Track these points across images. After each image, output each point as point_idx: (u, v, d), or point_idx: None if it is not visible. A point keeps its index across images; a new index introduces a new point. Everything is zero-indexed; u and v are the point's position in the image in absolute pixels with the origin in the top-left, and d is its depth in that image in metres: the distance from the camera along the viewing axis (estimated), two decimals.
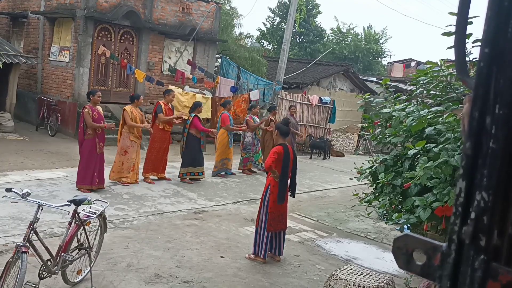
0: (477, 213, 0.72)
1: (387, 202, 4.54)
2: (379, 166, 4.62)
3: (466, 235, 0.73)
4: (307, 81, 19.55)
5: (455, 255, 0.74)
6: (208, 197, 8.56)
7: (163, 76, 15.46)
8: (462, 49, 0.84)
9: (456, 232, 0.74)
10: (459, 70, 0.84)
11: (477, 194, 0.73)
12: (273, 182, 5.62)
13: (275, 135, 5.86)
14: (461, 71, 0.84)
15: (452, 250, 0.75)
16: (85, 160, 7.82)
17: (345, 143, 20.42)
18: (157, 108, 8.97)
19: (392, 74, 34.82)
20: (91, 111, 7.84)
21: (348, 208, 8.89)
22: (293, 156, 5.78)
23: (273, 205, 5.61)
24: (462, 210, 0.74)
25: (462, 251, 0.74)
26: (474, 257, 0.72)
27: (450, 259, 0.75)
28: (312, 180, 11.68)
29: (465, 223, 0.73)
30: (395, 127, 4.35)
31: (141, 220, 6.73)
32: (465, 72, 0.84)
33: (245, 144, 11.12)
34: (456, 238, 0.74)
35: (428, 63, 4.59)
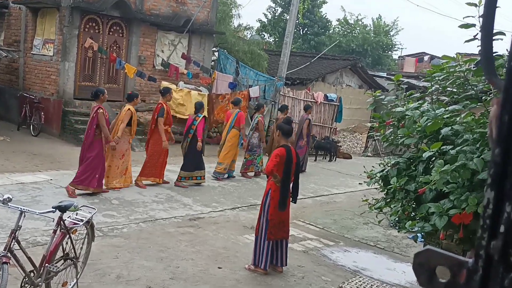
0: (507, 226, 0.71)
1: (399, 208, 4.53)
2: (391, 170, 4.62)
3: (495, 250, 0.72)
4: (312, 77, 19.56)
5: (482, 272, 0.73)
6: (205, 202, 8.55)
7: (155, 71, 15.46)
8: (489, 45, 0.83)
9: (483, 247, 0.73)
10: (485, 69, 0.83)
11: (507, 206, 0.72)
12: (274, 186, 5.61)
13: (277, 136, 5.84)
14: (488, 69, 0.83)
15: (479, 266, 0.74)
16: (95, 161, 7.90)
17: (353, 144, 20.43)
18: (159, 111, 8.96)
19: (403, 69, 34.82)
20: (105, 112, 7.93)
21: (356, 214, 8.88)
22: (296, 158, 5.77)
23: (273, 212, 5.60)
24: (490, 222, 0.73)
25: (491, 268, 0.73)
26: (504, 274, 0.71)
27: (477, 276, 0.74)
28: (317, 184, 11.67)
29: (494, 237, 0.72)
30: (408, 127, 4.35)
31: (132, 228, 6.72)
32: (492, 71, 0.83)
33: (251, 145, 11.16)
34: (484, 254, 0.73)
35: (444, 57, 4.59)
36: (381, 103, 5.15)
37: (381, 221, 5.82)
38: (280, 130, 5.79)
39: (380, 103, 5.19)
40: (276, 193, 5.58)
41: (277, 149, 5.64)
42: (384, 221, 7.69)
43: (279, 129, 5.82)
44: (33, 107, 13.70)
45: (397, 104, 5.00)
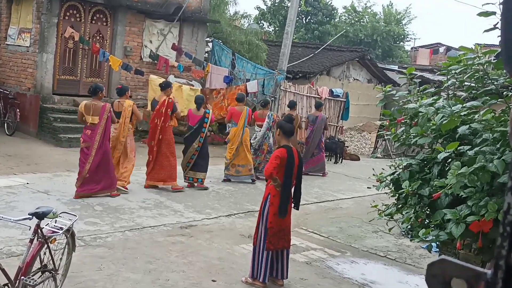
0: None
1: (412, 215, 4.53)
2: (403, 173, 4.62)
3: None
4: (315, 70, 19.58)
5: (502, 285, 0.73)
6: (197, 208, 8.55)
7: (142, 63, 15.46)
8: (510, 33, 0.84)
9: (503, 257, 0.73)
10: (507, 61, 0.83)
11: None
12: (274, 191, 5.61)
13: (277, 135, 5.83)
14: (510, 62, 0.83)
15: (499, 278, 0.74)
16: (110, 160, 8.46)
17: (361, 144, 20.45)
18: (173, 107, 9.33)
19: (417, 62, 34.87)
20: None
21: (364, 222, 8.88)
22: (298, 160, 5.77)
23: (273, 219, 5.60)
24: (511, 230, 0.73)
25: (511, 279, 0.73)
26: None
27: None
28: (321, 189, 11.68)
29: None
30: (422, 125, 4.35)
31: (117, 237, 6.71)
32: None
33: (269, 146, 11.38)
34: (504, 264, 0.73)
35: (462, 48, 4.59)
36: (392, 99, 5.16)
37: (392, 229, 5.82)
38: (281, 129, 5.76)
39: (391, 99, 5.19)
40: (276, 198, 5.58)
41: (277, 150, 5.64)
42: (395, 229, 7.70)
43: (279, 127, 5.80)
44: (8, 103, 13.68)
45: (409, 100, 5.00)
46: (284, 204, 5.57)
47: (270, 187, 5.66)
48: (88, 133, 8.28)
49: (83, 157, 8.29)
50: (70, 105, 13.88)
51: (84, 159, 8.27)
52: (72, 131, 12.97)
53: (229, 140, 10.91)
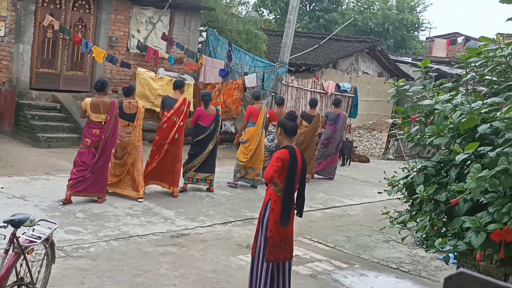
0: None
1: (427, 223, 4.54)
2: (417, 176, 4.62)
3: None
4: (321, 62, 19.59)
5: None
6: (190, 215, 8.55)
7: (129, 55, 15.46)
8: None
9: None
10: None
11: None
12: (275, 196, 5.61)
13: (278, 135, 5.82)
14: None
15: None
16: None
17: (371, 145, 20.46)
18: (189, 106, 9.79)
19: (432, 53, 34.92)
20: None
21: (375, 230, 8.88)
22: (302, 162, 5.76)
23: (274, 227, 5.60)
24: None
25: None
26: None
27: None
28: (327, 194, 11.69)
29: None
30: (438, 124, 4.36)
31: (101, 247, 6.71)
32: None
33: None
34: None
35: (482, 39, 4.60)
36: (405, 94, 5.16)
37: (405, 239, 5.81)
38: (283, 128, 5.75)
39: (404, 95, 5.19)
40: (277, 204, 5.57)
41: (279, 151, 5.63)
42: (409, 239, 7.70)
43: (281, 126, 5.78)
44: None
45: (424, 95, 5.01)
46: (286, 211, 5.57)
47: (270, 192, 5.66)
48: (96, 132, 8.36)
49: (87, 158, 8.33)
50: (50, 101, 13.88)
51: (88, 160, 8.33)
52: (52, 130, 12.97)
53: (245, 141, 10.98)
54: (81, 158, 8.36)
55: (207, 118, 9.99)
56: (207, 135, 9.97)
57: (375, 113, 22.48)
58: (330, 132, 13.39)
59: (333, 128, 13.35)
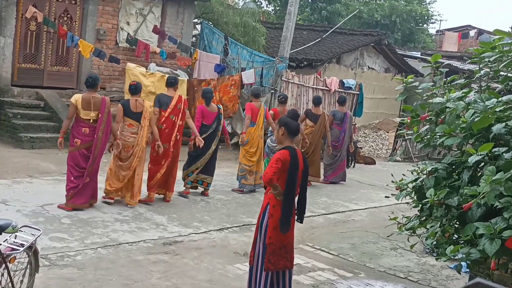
0: None
1: (438, 229, 4.54)
2: (427, 179, 4.63)
3: None
4: (323, 57, 19.60)
5: None
6: (183, 221, 8.54)
7: (118, 49, 15.44)
8: None
9: None
10: None
11: None
12: (274, 200, 5.61)
13: (280, 135, 5.81)
14: None
15: None
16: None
17: (377, 145, 20.49)
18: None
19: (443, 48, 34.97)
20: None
21: (381, 237, 8.88)
22: (303, 164, 5.76)
23: (273, 234, 5.60)
24: None
25: None
26: None
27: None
28: (330, 198, 11.69)
29: None
30: (449, 123, 4.36)
31: (88, 255, 6.70)
32: None
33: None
34: None
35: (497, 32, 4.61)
36: (414, 91, 5.16)
37: (414, 246, 5.82)
38: (286, 127, 5.74)
39: (412, 92, 5.20)
40: (277, 209, 5.57)
41: (279, 152, 5.62)
42: (418, 246, 7.70)
43: (284, 125, 5.76)
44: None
45: (435, 93, 5.02)
46: (286, 216, 5.57)
47: (269, 196, 5.66)
48: (86, 131, 8.31)
49: (81, 161, 8.30)
50: (33, 98, 13.86)
51: (82, 163, 8.29)
52: (35, 129, 12.95)
53: (246, 142, 10.91)
54: (74, 161, 8.30)
55: (209, 116, 10.06)
56: (210, 134, 10.01)
57: (381, 112, 22.51)
58: (338, 133, 13.26)
59: (341, 128, 13.27)
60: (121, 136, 8.78)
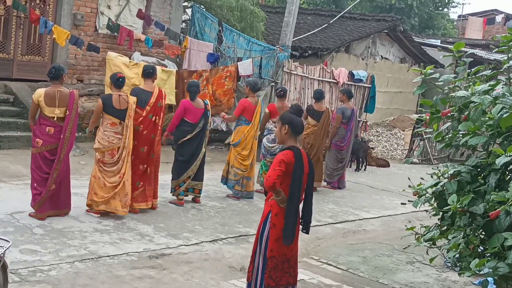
0: None
1: (461, 240, 4.54)
2: (449, 183, 4.62)
3: None
4: (330, 46, 19.61)
5: None
6: (172, 231, 8.53)
7: (98, 36, 15.41)
8: None
9: None
10: None
11: None
12: (276, 208, 5.60)
13: (283, 133, 5.77)
14: None
15: None
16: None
17: (391, 145, 20.50)
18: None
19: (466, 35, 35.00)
20: None
21: (396, 249, 8.88)
22: (309, 166, 5.75)
23: (275, 246, 5.59)
24: None
25: None
26: None
27: None
28: (338, 205, 11.68)
29: None
30: (474, 120, 4.36)
31: (63, 270, 6.69)
32: None
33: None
34: None
35: None
36: (434, 84, 5.16)
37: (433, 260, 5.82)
38: (290, 125, 5.70)
39: (432, 85, 5.20)
40: (280, 218, 5.57)
41: (282, 153, 5.60)
42: (438, 260, 7.70)
43: (288, 123, 5.72)
44: None
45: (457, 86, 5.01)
46: (290, 225, 5.56)
47: (271, 203, 5.65)
48: (50, 131, 8.18)
49: (43, 164, 8.20)
50: (1, 92, 13.84)
51: (46, 167, 8.19)
52: (3, 127, 12.91)
53: (237, 143, 10.84)
54: (37, 165, 8.22)
55: (195, 113, 9.86)
56: (196, 134, 9.87)
57: (396, 107, 22.53)
58: (343, 132, 13.21)
59: (347, 127, 13.20)
60: (103, 136, 8.66)
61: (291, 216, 5.56)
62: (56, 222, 8.21)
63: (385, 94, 21.58)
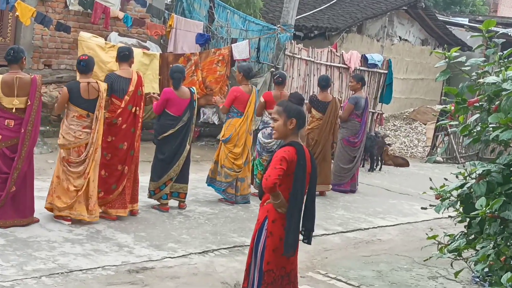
0: None
1: (491, 251, 4.55)
2: (477, 185, 4.63)
3: None
4: (340, 25, 19.61)
5: None
6: (155, 242, 8.54)
7: (68, 13, 15.40)
8: None
9: None
10: None
11: None
12: (274, 214, 5.60)
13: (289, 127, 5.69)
14: None
15: None
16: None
17: (411, 141, 20.53)
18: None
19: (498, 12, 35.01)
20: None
21: (416, 262, 8.90)
22: (311, 165, 5.73)
23: (273, 257, 5.60)
24: None
25: None
26: None
27: None
28: (348, 210, 11.70)
29: None
30: (506, 111, 4.36)
31: (29, 286, 6.70)
32: None
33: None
34: None
35: None
36: (459, 69, 5.17)
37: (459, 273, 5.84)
38: (298, 119, 5.66)
39: (457, 70, 5.20)
40: (278, 225, 5.58)
41: (283, 150, 5.59)
42: (465, 273, 7.72)
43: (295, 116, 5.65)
44: None
45: (487, 71, 5.01)
46: (291, 234, 5.57)
47: (267, 208, 5.65)
48: (9, 124, 8.15)
49: (1, 163, 8.15)
50: None
51: (4, 165, 8.16)
52: None
53: (228, 139, 10.81)
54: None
55: (178, 104, 9.80)
56: (180, 129, 9.83)
57: (417, 97, 22.57)
58: (357, 126, 13.23)
59: (361, 120, 13.14)
60: (68, 131, 8.62)
61: (294, 222, 5.55)
62: (19, 231, 8.21)
63: (404, 82, 21.60)
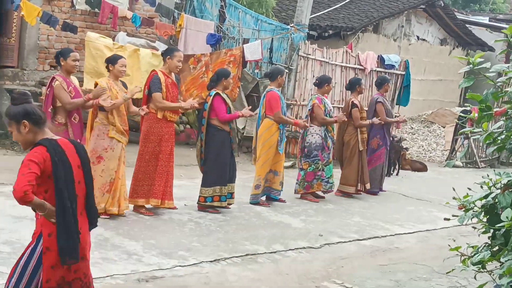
0: None
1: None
2: (502, 195, 4.62)
3: None
4: (355, 25, 19.59)
5: None
6: (165, 250, 8.53)
7: (75, 13, 15.44)
8: None
9: None
10: None
11: None
12: (49, 227, 5.10)
13: (26, 130, 4.97)
14: None
15: None
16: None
17: (429, 145, 20.47)
18: (151, 83, 9.65)
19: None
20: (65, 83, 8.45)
21: (436, 272, 8.86)
22: (78, 155, 5.16)
23: (51, 274, 5.07)
24: None
25: None
26: None
27: None
28: (364, 218, 11.66)
29: None
30: None
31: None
32: None
33: (307, 147, 11.73)
34: None
35: None
36: (482, 74, 5.15)
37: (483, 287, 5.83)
38: (25, 119, 4.94)
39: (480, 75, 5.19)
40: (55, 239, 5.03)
41: (30, 152, 4.75)
42: (489, 286, 7.70)
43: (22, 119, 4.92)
44: None
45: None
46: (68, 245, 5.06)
47: (41, 222, 5.07)
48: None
49: None
50: None
51: None
52: None
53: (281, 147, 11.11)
54: None
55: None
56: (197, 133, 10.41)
57: (435, 99, 22.50)
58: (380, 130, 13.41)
59: None
60: None
61: (66, 231, 5.06)
62: (25, 239, 8.22)
63: (422, 83, 21.55)
